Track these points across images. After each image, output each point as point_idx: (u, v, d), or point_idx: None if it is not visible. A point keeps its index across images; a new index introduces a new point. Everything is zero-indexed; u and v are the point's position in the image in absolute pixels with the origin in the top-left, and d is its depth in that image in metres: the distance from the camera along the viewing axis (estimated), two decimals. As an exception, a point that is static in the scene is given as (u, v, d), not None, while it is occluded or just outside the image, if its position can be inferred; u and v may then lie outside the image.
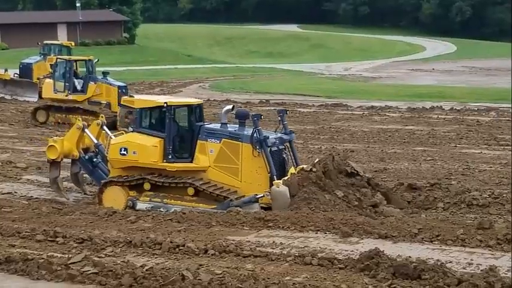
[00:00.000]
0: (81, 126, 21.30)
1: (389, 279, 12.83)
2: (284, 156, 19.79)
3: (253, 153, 19.02)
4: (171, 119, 19.55)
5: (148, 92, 54.80)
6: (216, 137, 19.41)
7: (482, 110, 42.87)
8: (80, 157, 21.23)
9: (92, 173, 21.31)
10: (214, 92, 56.56)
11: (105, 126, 21.80)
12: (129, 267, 13.45)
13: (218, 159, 19.31)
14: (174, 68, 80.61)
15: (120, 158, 19.87)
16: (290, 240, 15.70)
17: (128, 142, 19.86)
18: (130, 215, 18.13)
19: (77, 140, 21.28)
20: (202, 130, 19.61)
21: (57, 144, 20.94)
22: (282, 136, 19.87)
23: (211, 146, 19.39)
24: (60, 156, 20.99)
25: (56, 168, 21.16)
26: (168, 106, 19.49)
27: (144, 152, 19.56)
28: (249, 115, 20.04)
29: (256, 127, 19.12)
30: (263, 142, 18.93)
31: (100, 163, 21.19)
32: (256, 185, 18.99)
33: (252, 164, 19.08)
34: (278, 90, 56.70)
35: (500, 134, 33.44)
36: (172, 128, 19.59)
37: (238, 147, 19.19)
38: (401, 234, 15.68)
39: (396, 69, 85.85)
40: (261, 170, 19.02)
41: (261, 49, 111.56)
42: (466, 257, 14.27)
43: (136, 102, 20.35)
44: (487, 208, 19.04)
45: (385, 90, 56.47)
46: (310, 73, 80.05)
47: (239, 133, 19.41)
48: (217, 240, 15.50)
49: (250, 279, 12.60)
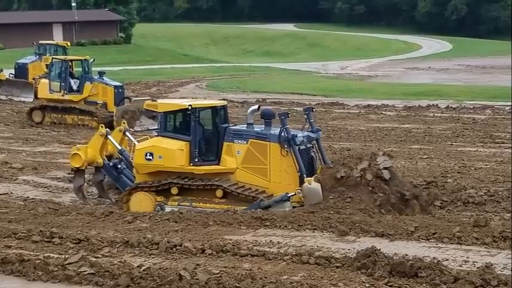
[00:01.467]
0: (104, 133, 20.85)
1: (386, 277, 12.85)
2: (312, 154, 19.54)
3: (281, 153, 18.82)
4: (196, 121, 19.32)
5: (144, 91, 54.80)
6: (242, 138, 19.19)
7: (478, 108, 42.95)
8: (104, 164, 20.87)
9: (118, 179, 20.91)
10: (211, 92, 56.54)
11: (127, 132, 21.47)
12: (126, 267, 13.44)
13: (246, 160, 19.10)
14: (171, 68, 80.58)
15: (145, 163, 19.58)
16: (287, 239, 15.72)
17: (153, 147, 19.58)
18: (127, 215, 18.12)
19: (100, 147, 20.90)
20: (228, 132, 19.39)
21: (81, 152, 20.58)
22: (309, 134, 19.65)
23: (238, 147, 19.17)
24: (84, 164, 20.62)
25: (81, 176, 20.78)
26: (192, 108, 19.28)
27: (170, 156, 19.32)
28: (274, 114, 19.88)
29: (284, 126, 18.89)
30: (291, 141, 18.73)
31: (125, 169, 20.87)
32: (285, 184, 18.79)
33: (281, 163, 18.88)
34: (275, 90, 56.74)
35: (496, 132, 33.50)
36: (197, 131, 19.36)
37: (266, 147, 18.98)
38: (398, 233, 15.70)
39: (392, 67, 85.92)
40: (290, 169, 18.82)
41: (258, 48, 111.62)
42: (462, 255, 14.30)
43: (160, 106, 20.12)
44: (483, 206, 19.10)
45: (382, 89, 56.53)
46: (307, 72, 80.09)
47: (266, 133, 19.19)
48: (215, 240, 15.50)
49: (248, 279, 12.61)
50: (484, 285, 12.24)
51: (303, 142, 19.13)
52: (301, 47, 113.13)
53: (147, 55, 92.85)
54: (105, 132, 20.83)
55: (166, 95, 54.56)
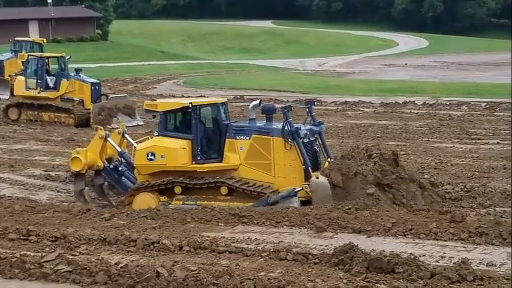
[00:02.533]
0: (104, 135, 20.57)
1: (364, 273, 12.90)
2: (316, 147, 19.48)
3: (285, 146, 18.73)
4: (197, 119, 19.22)
5: (121, 88, 54.63)
6: (245, 133, 19.10)
7: (454, 105, 43.21)
8: (105, 167, 20.61)
9: (119, 182, 20.67)
10: (188, 89, 56.45)
11: (126, 135, 21.24)
12: (104, 264, 13.40)
13: (249, 156, 19.01)
14: (148, 65, 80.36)
15: (147, 164, 19.43)
16: (265, 236, 15.74)
17: (154, 146, 19.45)
18: (105, 213, 18.07)
19: (100, 149, 20.63)
20: (230, 128, 19.28)
21: (81, 155, 20.28)
22: (312, 127, 19.60)
23: (240, 144, 19.07)
24: (84, 168, 20.32)
25: (81, 180, 20.46)
26: (193, 106, 19.18)
27: (172, 155, 19.20)
28: (275, 109, 19.83)
29: (287, 119, 18.79)
30: (295, 134, 18.64)
31: (126, 171, 20.64)
32: (290, 178, 18.72)
33: (285, 157, 18.78)
34: (252, 86, 56.75)
35: (472, 128, 33.73)
36: (199, 129, 19.27)
37: (269, 142, 18.89)
38: (375, 229, 15.77)
39: (369, 64, 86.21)
40: (295, 163, 18.72)
41: (235, 45, 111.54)
42: (439, 250, 14.39)
43: (159, 106, 19.93)
44: (459, 201, 19.22)
45: (359, 86, 56.72)
46: (285, 69, 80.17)
47: (269, 127, 19.10)
48: (192, 237, 15.49)
49: (225, 275, 12.61)
50: (460, 280, 12.33)
51: (307, 135, 19.03)
52: (279, 44, 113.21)
53: (124, 52, 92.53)
54: (104, 135, 20.53)
55: (143, 91, 54.43)
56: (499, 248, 14.37)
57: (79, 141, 30.75)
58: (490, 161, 25.39)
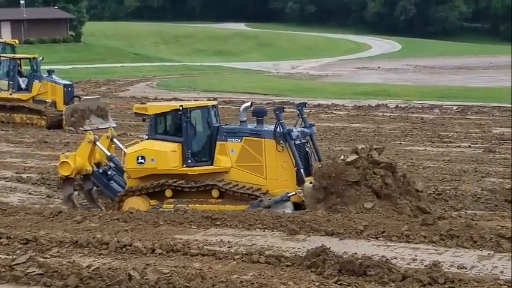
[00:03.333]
0: (93, 140, 20.24)
1: (336, 275, 12.94)
2: (307, 150, 19.35)
3: (277, 148, 18.62)
4: (187, 122, 19.08)
5: (94, 90, 54.40)
6: (236, 136, 18.97)
7: (426, 108, 43.54)
8: (94, 171, 20.29)
9: (108, 186, 20.35)
10: (162, 91, 56.37)
11: (115, 139, 20.95)
12: (75, 267, 13.31)
13: (240, 159, 18.88)
14: (121, 67, 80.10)
15: (137, 167, 19.23)
16: (238, 239, 15.74)
17: (144, 150, 19.26)
18: (76, 215, 17.95)
19: (88, 154, 20.29)
20: (221, 131, 19.14)
21: (69, 159, 19.92)
22: (304, 130, 19.51)
23: (231, 146, 18.94)
24: (73, 172, 19.95)
25: (70, 185, 20.11)
26: (184, 109, 19.06)
27: (163, 158, 19.02)
28: (266, 112, 19.75)
29: (279, 120, 18.70)
30: (287, 135, 18.54)
31: (115, 175, 20.36)
32: (282, 181, 18.63)
33: (277, 159, 18.67)
34: (226, 89, 56.78)
35: (444, 132, 33.98)
36: (189, 131, 19.14)
37: (261, 144, 18.77)
38: (348, 231, 15.82)
39: (342, 67, 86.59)
40: (287, 165, 18.62)
41: (209, 47, 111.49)
42: (411, 253, 14.47)
43: (149, 109, 19.78)
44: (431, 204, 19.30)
45: (332, 89, 56.94)
46: (258, 71, 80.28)
47: (260, 129, 19.00)
48: (165, 240, 15.45)
49: (198, 278, 12.59)
50: (431, 283, 12.40)
51: (298, 137, 18.94)
52: (253, 47, 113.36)
53: (97, 54, 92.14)
54: (93, 139, 20.23)
55: (116, 93, 54.28)
56: (470, 251, 14.49)
57: (51, 143, 30.59)
58: (462, 164, 25.58)
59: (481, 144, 29.99)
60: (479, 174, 23.54)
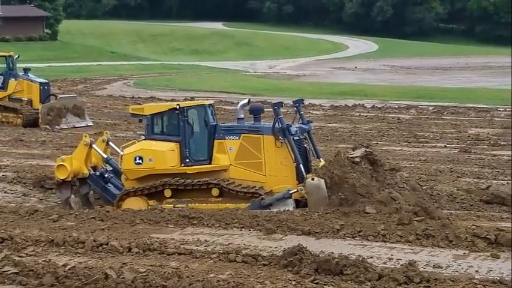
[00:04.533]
0: (89, 142, 19.96)
1: (312, 275, 12.98)
2: (306, 146, 19.27)
3: (275, 144, 18.55)
4: (184, 121, 18.98)
5: (71, 89, 54.14)
6: (234, 133, 18.88)
7: (403, 108, 43.76)
8: (90, 174, 20.02)
9: (105, 189, 20.09)
10: (139, 89, 56.23)
11: (111, 142, 20.77)
12: (51, 266, 13.26)
13: (239, 156, 18.77)
14: (98, 65, 79.77)
15: (135, 168, 19.04)
16: (214, 238, 15.74)
17: (142, 150, 19.10)
18: (53, 214, 17.87)
19: (85, 156, 20.03)
20: (219, 129, 19.05)
21: (66, 163, 19.62)
22: (302, 126, 19.44)
23: (230, 144, 18.84)
24: (70, 176, 19.64)
25: (67, 188, 19.77)
26: (180, 108, 18.97)
27: (161, 157, 18.90)
28: (263, 109, 19.69)
29: (277, 116, 18.62)
30: (286, 130, 18.46)
31: (112, 178, 20.15)
32: (282, 176, 18.53)
33: (276, 155, 18.58)
34: (203, 88, 56.77)
35: (420, 132, 34.15)
36: (187, 130, 19.02)
37: (259, 141, 18.69)
38: (324, 231, 15.88)
39: (319, 67, 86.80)
40: (286, 161, 18.53)
41: (186, 46, 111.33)
42: (387, 252, 14.55)
43: (146, 109, 19.68)
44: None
45: (309, 88, 57.06)
46: (235, 71, 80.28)
47: (258, 126, 18.96)
48: (141, 238, 15.42)
49: (174, 277, 12.59)
50: (407, 282, 12.48)
51: (297, 133, 18.88)
52: (230, 46, 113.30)
53: (74, 52, 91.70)
54: (89, 142, 19.97)
55: (93, 92, 54.04)
56: (445, 250, 14.59)
57: (27, 142, 30.40)
58: (438, 164, 25.73)
59: (457, 145, 30.20)
60: (455, 174, 23.70)
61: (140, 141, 19.96)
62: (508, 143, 30.21)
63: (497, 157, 26.96)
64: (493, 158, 26.84)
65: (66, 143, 30.39)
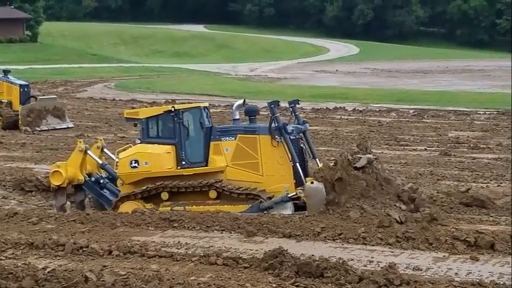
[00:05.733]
0: (84, 148, 19.90)
1: (293, 277, 13.01)
2: (302, 146, 19.26)
3: (272, 144, 18.52)
4: (180, 123, 18.94)
5: (51, 91, 53.87)
6: (230, 134, 18.87)
7: (384, 111, 43.90)
8: (86, 181, 19.96)
9: (101, 195, 20.01)
10: (120, 92, 56.08)
11: (106, 149, 20.69)
12: (31, 269, 13.19)
13: (235, 157, 18.74)
14: (79, 67, 79.44)
15: (131, 172, 18.97)
16: (195, 240, 15.74)
17: (138, 154, 19.03)
18: (32, 216, 17.78)
19: (80, 163, 19.97)
20: (214, 130, 19.04)
21: (61, 169, 19.56)
22: (298, 126, 19.44)
23: (226, 145, 18.82)
24: (65, 182, 19.58)
25: (62, 195, 19.71)
26: (176, 110, 18.93)
27: (157, 160, 18.83)
28: (258, 111, 19.68)
29: (273, 114, 18.60)
30: (282, 129, 18.44)
31: (108, 184, 20.05)
32: (279, 176, 18.50)
33: (273, 155, 18.56)
34: (184, 90, 56.68)
35: (401, 135, 34.28)
36: (182, 133, 18.98)
37: (256, 141, 18.68)
38: (305, 233, 15.91)
39: (301, 70, 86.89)
40: (283, 160, 18.51)
41: (167, 49, 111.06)
42: (367, 255, 14.60)
43: (141, 113, 19.62)
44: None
45: (290, 91, 57.02)
46: (216, 73, 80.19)
47: (254, 126, 18.96)
48: (122, 241, 15.38)
49: (155, 280, 12.56)
50: (387, 284, 12.53)
51: (293, 132, 18.86)
52: (211, 49, 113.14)
53: (54, 54, 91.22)
54: (84, 148, 19.91)
55: (74, 94, 53.83)
56: (425, 253, 14.67)
57: (7, 144, 30.26)
58: (418, 167, 25.84)
59: (437, 148, 30.34)
60: (435, 177, 23.82)
61: (135, 145, 19.83)
62: (487, 146, 30.40)
63: (477, 160, 27.11)
64: (473, 161, 27.00)
65: (46, 145, 30.30)
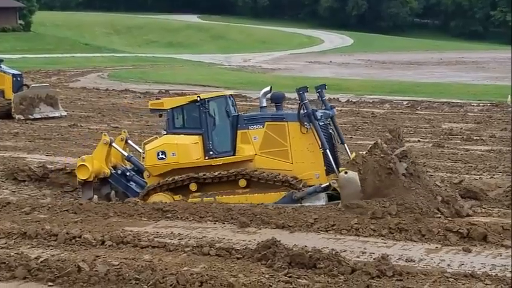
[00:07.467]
0: (108, 141, 19.63)
1: (286, 268, 13.00)
2: (331, 131, 18.97)
3: (301, 130, 18.23)
4: (206, 113, 18.64)
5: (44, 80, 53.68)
6: (258, 122, 18.54)
7: (377, 103, 43.91)
8: (112, 174, 19.69)
9: (127, 187, 19.68)
10: (113, 82, 55.98)
11: (130, 141, 20.41)
12: (23, 259, 13.17)
13: (264, 145, 18.42)
14: (72, 57, 79.30)
15: (158, 163, 18.65)
16: (188, 231, 15.73)
17: (164, 145, 18.70)
18: (25, 206, 17.75)
19: (105, 156, 19.70)
20: (241, 119, 18.71)
21: (87, 162, 19.32)
22: (325, 111, 19.18)
23: (254, 133, 18.50)
24: (91, 176, 19.34)
25: (89, 189, 19.48)
26: (201, 100, 18.61)
27: (184, 151, 18.53)
28: (285, 97, 19.46)
29: (302, 101, 18.29)
30: (311, 116, 18.16)
31: (134, 176, 19.76)
32: (309, 163, 18.22)
33: (302, 142, 18.25)
34: (178, 81, 56.61)
35: (394, 126, 34.15)
36: (209, 122, 18.70)
37: (284, 128, 18.36)
38: (298, 224, 15.91)
39: (295, 61, 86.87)
40: (313, 147, 18.21)
41: (161, 39, 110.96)
42: (360, 246, 14.61)
43: (166, 103, 19.26)
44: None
45: (284, 82, 56.99)
46: (210, 64, 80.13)
47: (283, 113, 18.69)
48: (115, 231, 15.36)
49: (148, 270, 12.55)
50: (380, 275, 12.54)
51: (322, 118, 18.61)
52: (205, 39, 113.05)
53: (47, 43, 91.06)
54: (109, 140, 19.65)
55: (67, 84, 53.74)
56: (418, 244, 14.68)
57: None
58: (411, 158, 25.82)
59: (430, 139, 30.36)
60: (428, 169, 23.83)
61: (161, 136, 19.62)
62: (480, 138, 30.44)
63: (470, 152, 27.15)
64: (466, 152, 27.03)
65: (39, 135, 30.22)
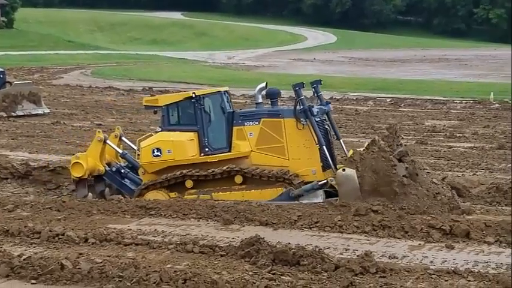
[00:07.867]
0: (103, 138, 19.47)
1: (269, 265, 13.02)
2: (327, 127, 18.97)
3: (297, 127, 18.18)
4: (201, 109, 18.54)
5: (27, 77, 53.51)
6: (253, 119, 18.46)
7: (361, 100, 44.03)
8: (107, 171, 19.53)
9: (122, 185, 19.52)
10: (97, 79, 55.83)
11: (124, 137, 20.29)
12: (6, 256, 13.12)
13: (260, 141, 18.34)
14: (55, 54, 78.97)
15: (154, 161, 18.50)
16: (172, 228, 15.72)
17: (160, 142, 18.56)
18: (8, 204, 17.68)
19: (100, 153, 19.53)
20: (237, 115, 18.63)
21: (81, 160, 19.14)
22: (321, 107, 19.14)
23: (249, 130, 18.40)
24: (86, 173, 19.14)
25: (84, 187, 19.27)
26: (196, 96, 18.51)
27: (180, 148, 18.40)
28: (280, 93, 19.39)
29: (299, 97, 18.27)
30: (308, 112, 18.12)
31: (129, 173, 19.61)
32: (305, 159, 18.17)
33: (298, 138, 18.20)
34: (161, 78, 56.55)
35: (377, 123, 34.39)
36: (204, 119, 18.58)
37: (280, 124, 18.29)
38: (281, 221, 15.94)
39: (278, 58, 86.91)
40: (309, 143, 18.16)
41: (145, 36, 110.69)
42: (343, 243, 14.65)
43: (160, 100, 19.12)
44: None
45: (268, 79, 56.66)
46: (194, 61, 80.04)
47: (279, 109, 18.63)
48: (98, 229, 15.33)
49: (131, 267, 12.53)
50: (363, 272, 12.59)
51: (318, 114, 18.57)
52: (189, 36, 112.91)
53: (30, 40, 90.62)
54: (103, 138, 19.51)
55: (50, 81, 53.52)
56: (401, 241, 14.75)
57: (-18, 131, 30.04)
58: (394, 155, 25.89)
59: (414, 136, 30.47)
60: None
61: (156, 133, 19.51)
62: (463, 135, 30.60)
63: (453, 149, 27.27)
64: (449, 149, 27.15)
65: (22, 132, 30.11)
